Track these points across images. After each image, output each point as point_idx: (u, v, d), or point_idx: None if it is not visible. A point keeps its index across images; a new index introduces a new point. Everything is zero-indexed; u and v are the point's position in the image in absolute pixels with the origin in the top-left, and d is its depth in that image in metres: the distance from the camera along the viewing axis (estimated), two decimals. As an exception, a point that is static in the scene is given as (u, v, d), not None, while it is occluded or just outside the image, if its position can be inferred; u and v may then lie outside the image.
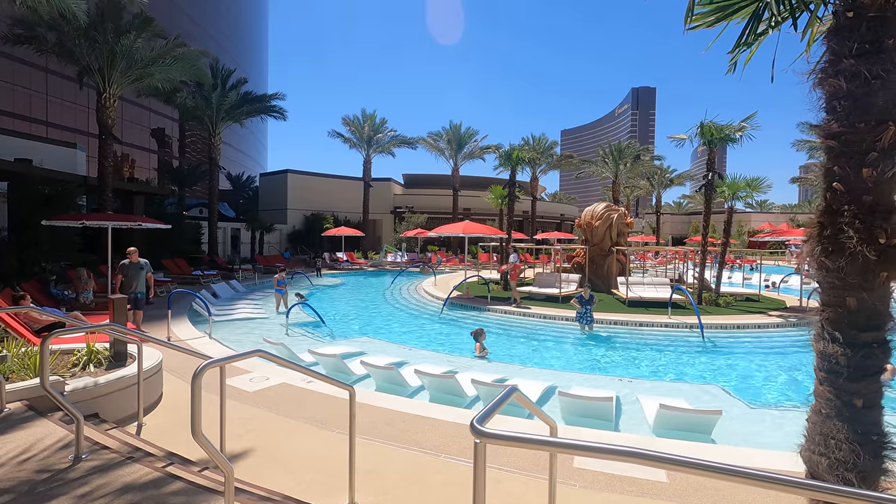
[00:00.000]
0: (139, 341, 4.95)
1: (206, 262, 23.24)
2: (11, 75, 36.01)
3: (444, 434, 4.92)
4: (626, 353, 10.24)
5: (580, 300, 11.65)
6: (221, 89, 25.83)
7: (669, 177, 43.28)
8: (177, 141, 56.83)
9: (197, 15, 56.50)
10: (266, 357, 3.12)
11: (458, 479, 3.98)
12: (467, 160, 37.94)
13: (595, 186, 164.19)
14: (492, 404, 1.86)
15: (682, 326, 11.80)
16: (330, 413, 5.45)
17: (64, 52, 17.33)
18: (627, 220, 18.37)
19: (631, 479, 4.01)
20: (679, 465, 1.45)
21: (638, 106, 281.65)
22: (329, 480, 3.91)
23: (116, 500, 2.90)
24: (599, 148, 36.49)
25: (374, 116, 35.20)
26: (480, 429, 1.67)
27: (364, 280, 24.30)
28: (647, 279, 17.10)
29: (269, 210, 38.14)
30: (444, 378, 6.58)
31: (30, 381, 4.78)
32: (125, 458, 3.49)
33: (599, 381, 7.88)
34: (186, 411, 5.55)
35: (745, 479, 1.40)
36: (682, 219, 66.18)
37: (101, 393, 5.00)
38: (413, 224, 35.83)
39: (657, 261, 35.19)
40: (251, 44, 76.96)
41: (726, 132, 14.71)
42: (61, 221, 12.56)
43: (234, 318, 12.65)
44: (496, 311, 14.08)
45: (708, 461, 1.43)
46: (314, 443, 4.69)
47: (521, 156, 19.73)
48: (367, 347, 9.94)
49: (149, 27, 17.65)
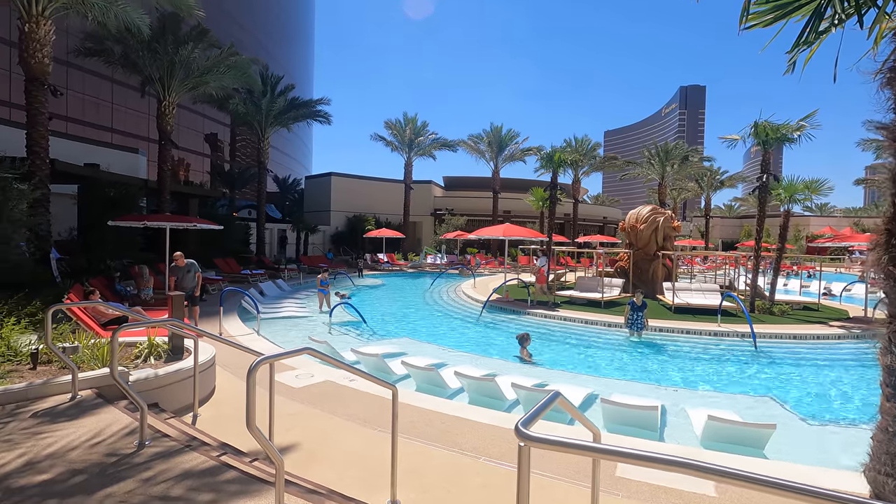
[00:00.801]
0: (196, 336, 5.23)
1: (255, 262, 24.17)
2: (82, 85, 38.74)
3: (483, 436, 4.93)
4: (671, 360, 9.92)
5: (631, 305, 11.34)
6: (270, 95, 26.83)
7: (720, 178, 41.46)
8: (228, 145, 59.48)
9: (247, 22, 58.93)
10: (314, 355, 3.24)
11: (498, 482, 3.99)
12: (508, 162, 37.75)
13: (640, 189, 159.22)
14: (536, 408, 1.87)
15: (732, 335, 11.30)
16: (371, 411, 5.57)
17: (128, 63, 18.52)
18: (674, 223, 17.77)
19: (677, 491, 3.89)
20: (737, 478, 1.40)
21: (686, 105, 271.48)
22: (371, 477, 4.00)
23: (177, 485, 3.09)
24: (645, 149, 35.44)
25: (415, 119, 35.63)
26: (525, 432, 1.69)
27: (404, 281, 24.61)
28: (694, 285, 16.48)
29: (314, 212, 39.25)
30: (483, 381, 6.59)
31: (98, 370, 5.14)
32: (184, 446, 3.70)
33: (642, 388, 7.67)
34: (237, 404, 5.84)
35: (807, 497, 1.33)
36: (733, 222, 63.28)
37: (161, 384, 5.31)
38: (453, 226, 35.97)
39: (705, 266, 33.78)
40: (298, 49, 79.52)
41: (783, 132, 13.99)
42: (125, 222, 13.41)
43: (281, 317, 13.11)
44: (536, 314, 13.94)
45: (774, 477, 1.36)
46: (356, 440, 4.81)
47: (564, 158, 19.46)
48: (407, 348, 10.07)
49: (205, 38, 18.62)
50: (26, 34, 12.22)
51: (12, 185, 8.81)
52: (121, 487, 3.01)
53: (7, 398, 4.39)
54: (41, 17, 12.19)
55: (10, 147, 13.19)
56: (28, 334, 6.30)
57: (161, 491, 3.00)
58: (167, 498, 2.93)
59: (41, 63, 12.38)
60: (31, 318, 7.12)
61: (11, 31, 14.04)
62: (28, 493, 2.91)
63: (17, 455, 3.41)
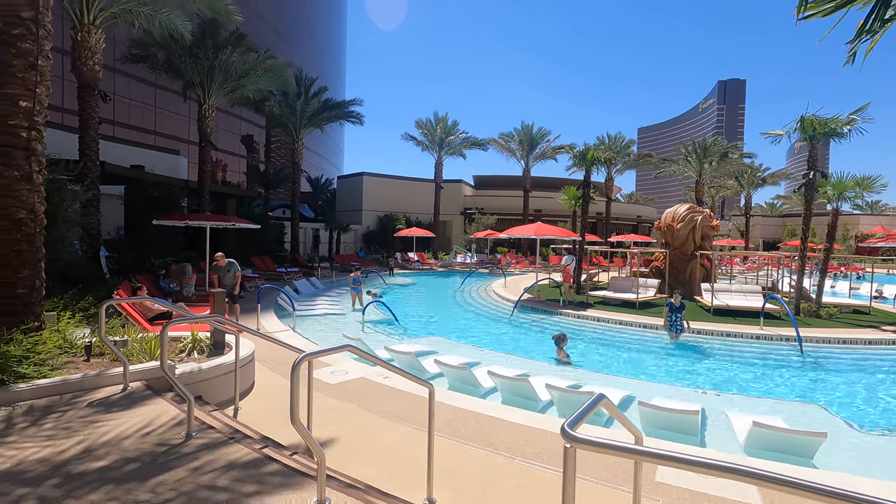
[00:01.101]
0: (237, 332, 5.40)
1: (289, 260, 24.75)
2: (128, 90, 40.53)
3: (518, 437, 4.90)
4: (710, 364, 9.61)
5: (669, 307, 11.04)
6: (304, 97, 27.38)
7: (761, 176, 39.88)
8: (263, 146, 61.09)
9: (281, 25, 60.33)
10: (354, 352, 3.29)
11: (534, 483, 3.96)
12: (539, 161, 37.38)
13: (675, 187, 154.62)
14: (582, 410, 1.84)
15: (776, 339, 10.85)
16: (405, 409, 5.61)
17: (171, 68, 19.26)
18: (713, 222, 17.21)
19: (720, 498, 3.76)
20: (805, 489, 1.34)
21: (725, 100, 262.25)
22: (407, 474, 4.03)
23: (222, 476, 3.19)
24: (682, 145, 34.43)
25: (445, 119, 35.69)
26: (572, 433, 1.67)
27: (434, 280, 24.70)
28: (734, 286, 15.91)
29: (346, 211, 39.86)
30: (517, 381, 6.55)
31: (147, 363, 5.37)
32: (228, 438, 3.83)
33: (680, 392, 7.46)
34: (275, 398, 6.00)
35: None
36: (775, 221, 60.68)
37: (204, 378, 5.49)
38: (483, 225, 35.86)
39: (746, 266, 32.57)
40: (330, 49, 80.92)
41: (832, 126, 13.34)
42: (168, 221, 13.95)
43: (315, 314, 13.38)
44: (568, 314, 13.75)
45: (843, 488, 1.30)
46: (391, 437, 4.86)
47: (597, 155, 19.10)
48: (439, 347, 10.10)
49: (242, 42, 19.18)
50: (79, 43, 12.87)
51: (67, 186, 9.30)
52: (171, 476, 3.14)
53: (65, 388, 4.64)
54: (92, 27, 12.82)
55: (63, 150, 13.92)
56: (82, 328, 6.64)
57: (208, 480, 3.11)
58: (214, 487, 3.03)
59: (92, 70, 13.02)
60: (84, 312, 7.51)
61: (64, 40, 14.78)
62: (87, 479, 3.07)
63: (76, 442, 3.60)
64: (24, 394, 4.39)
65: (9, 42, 5.19)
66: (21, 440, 3.61)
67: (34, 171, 5.33)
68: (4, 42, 5.22)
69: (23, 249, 5.27)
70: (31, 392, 4.42)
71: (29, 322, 5.22)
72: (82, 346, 5.76)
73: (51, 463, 3.27)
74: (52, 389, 4.54)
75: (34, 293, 5.45)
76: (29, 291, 5.35)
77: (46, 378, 4.65)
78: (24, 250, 5.28)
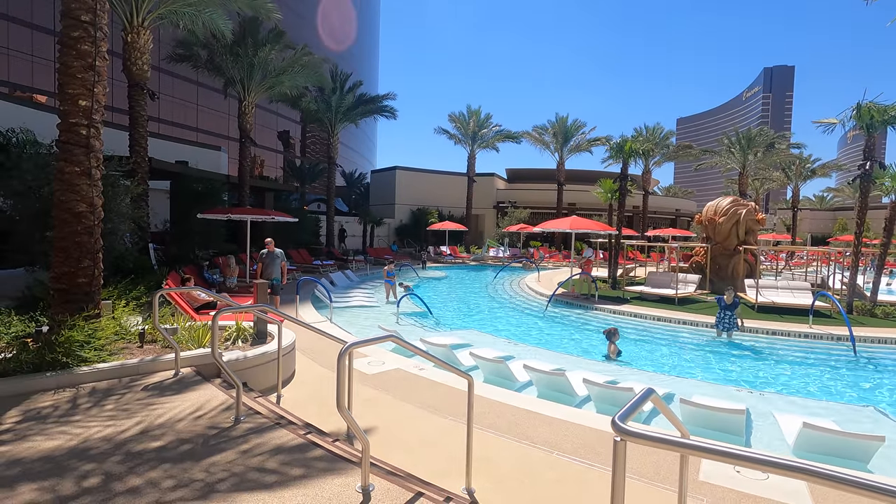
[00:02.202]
0: (280, 321, 5.56)
1: (325, 253, 25.28)
2: (171, 89, 42.12)
3: (555, 431, 4.87)
4: (754, 362, 9.27)
5: (720, 304, 10.69)
6: (340, 92, 27.76)
7: (810, 167, 37.93)
8: (299, 142, 62.38)
9: (315, 21, 61.22)
10: (397, 342, 3.35)
11: (572, 477, 3.94)
12: (573, 153, 36.74)
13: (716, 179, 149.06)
14: (632, 404, 1.82)
15: (826, 338, 10.36)
16: (441, 400, 5.66)
17: (213, 66, 19.89)
18: (758, 215, 16.53)
19: (766, 500, 3.64)
20: (861, 487, 1.29)
21: (771, 88, 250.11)
22: (444, 464, 4.08)
23: (270, 459, 3.32)
24: (724, 136, 33.11)
25: (478, 112, 35.49)
26: (623, 426, 1.66)
27: (466, 274, 24.72)
28: (781, 282, 15.25)
29: (379, 205, 40.30)
30: (553, 375, 6.50)
31: (195, 350, 5.61)
32: (273, 423, 3.97)
33: (722, 391, 7.23)
34: (316, 387, 6.16)
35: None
36: (825, 215, 57.66)
37: (249, 365, 5.70)
38: (515, 219, 35.58)
39: (792, 262, 31.15)
40: (364, 44, 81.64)
41: (891, 114, 12.55)
42: (212, 215, 14.47)
43: (350, 306, 13.64)
44: (604, 309, 13.52)
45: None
46: (428, 427, 4.91)
47: (635, 147, 18.63)
48: (473, 340, 10.13)
49: (281, 40, 19.60)
50: (129, 44, 13.45)
51: (119, 181, 9.78)
52: (223, 457, 3.29)
53: (123, 372, 4.91)
54: (141, 28, 13.37)
55: (114, 147, 14.61)
56: (135, 315, 7.00)
57: (258, 463, 3.24)
58: (263, 470, 3.16)
59: (141, 70, 13.60)
60: (136, 301, 7.90)
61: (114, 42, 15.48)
62: (146, 458, 3.25)
63: (135, 423, 3.82)
64: (87, 376, 4.67)
65: (69, 44, 5.49)
66: (86, 419, 3.86)
67: (93, 166, 5.64)
68: (65, 45, 5.52)
69: (83, 241, 5.59)
70: (94, 375, 4.70)
71: (89, 309, 5.54)
72: (136, 333, 6.07)
73: (113, 441, 3.48)
74: (111, 373, 4.82)
75: (93, 282, 5.78)
76: (89, 281, 5.68)
77: (106, 362, 4.94)
78: (85, 242, 5.60)
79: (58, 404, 4.16)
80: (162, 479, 2.97)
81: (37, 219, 8.51)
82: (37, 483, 2.88)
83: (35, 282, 7.67)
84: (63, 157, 5.48)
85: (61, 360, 4.60)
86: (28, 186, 8.56)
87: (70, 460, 3.18)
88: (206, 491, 2.84)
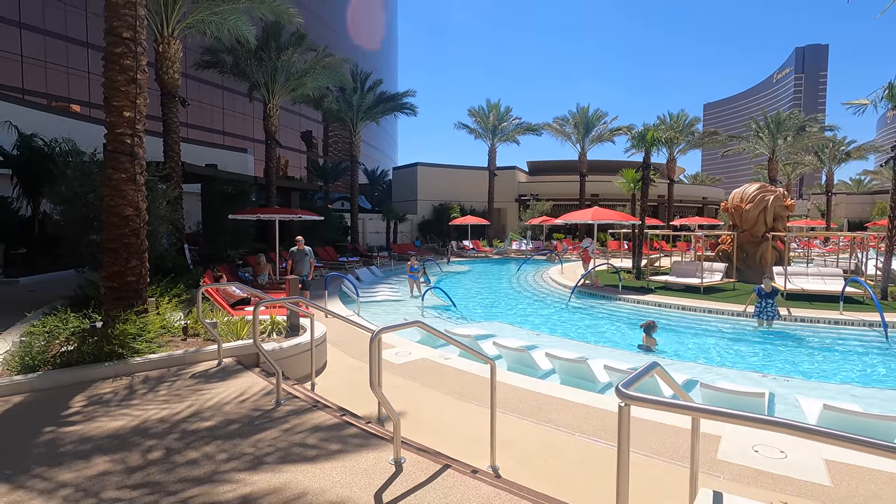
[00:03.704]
0: (312, 315, 5.90)
1: (350, 250, 25.80)
2: (198, 94, 43.36)
3: (577, 415, 5.05)
4: (782, 350, 9.21)
5: (759, 293, 10.62)
6: (360, 92, 28.17)
7: (845, 150, 36.62)
8: (321, 141, 63.39)
9: (333, 22, 61.96)
10: (423, 328, 3.61)
11: (595, 456, 4.12)
12: (595, 144, 36.33)
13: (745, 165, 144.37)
14: (636, 374, 2.02)
15: (857, 324, 10.19)
16: (466, 387, 5.90)
17: (238, 71, 20.50)
18: (787, 201, 16.19)
19: (784, 478, 3.75)
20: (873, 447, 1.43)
21: (804, 69, 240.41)
22: (471, 446, 4.31)
23: (310, 436, 3.63)
24: (752, 120, 32.26)
25: (498, 105, 35.45)
26: (626, 392, 1.86)
27: (490, 267, 24.89)
28: (811, 269, 14.94)
29: (401, 201, 40.72)
30: (575, 363, 6.67)
31: (234, 342, 6.00)
32: (311, 406, 4.29)
33: (748, 377, 7.27)
34: (345, 376, 6.50)
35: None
36: (862, 199, 55.36)
37: (284, 356, 6.05)
38: (538, 212, 35.48)
39: (826, 249, 30.23)
40: (382, 43, 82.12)
41: (927, 92, 12.15)
42: (242, 216, 15.03)
43: (376, 300, 14.01)
44: (628, 300, 13.54)
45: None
46: (454, 412, 5.16)
47: (657, 136, 18.42)
48: (497, 331, 10.34)
49: (302, 42, 20.07)
50: (160, 53, 14.05)
51: (157, 185, 10.32)
52: (268, 435, 3.61)
53: (171, 362, 5.32)
54: (171, 38, 13.95)
55: (149, 153, 15.30)
56: (176, 312, 7.46)
57: (299, 440, 3.55)
58: (305, 445, 3.46)
59: (173, 78, 14.20)
60: (177, 298, 8.39)
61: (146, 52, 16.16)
62: (200, 436, 3.59)
63: (187, 406, 4.19)
64: (140, 366, 5.09)
65: (113, 60, 5.91)
66: (143, 403, 4.25)
67: (137, 172, 6.07)
68: (109, 60, 5.95)
69: (131, 242, 6.04)
70: (146, 365, 5.12)
71: (138, 306, 5.98)
72: (180, 327, 6.51)
73: (169, 422, 3.85)
74: (161, 363, 5.23)
75: (141, 280, 6.23)
76: (137, 279, 6.13)
77: (155, 353, 5.35)
78: (132, 243, 6.05)
79: (116, 390, 4.57)
80: (216, 452, 3.30)
81: (84, 223, 9.10)
82: (108, 456, 3.24)
83: (86, 281, 8.23)
84: (111, 164, 5.92)
85: (117, 351, 5.03)
86: (75, 193, 9.14)
87: (133, 437, 3.55)
88: (256, 463, 3.16)
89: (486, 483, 2.99)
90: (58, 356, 4.95)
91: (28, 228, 15.47)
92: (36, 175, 14.18)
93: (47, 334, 5.68)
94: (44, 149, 14.86)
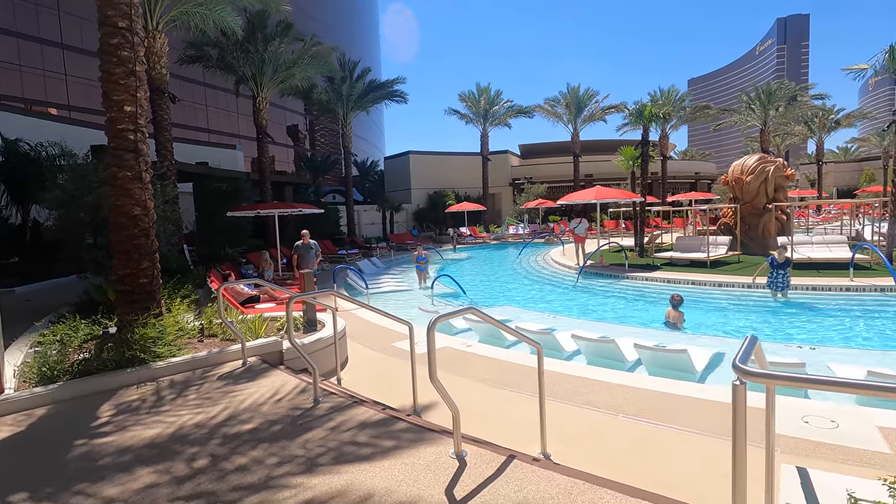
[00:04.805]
0: (336, 309, 5.72)
1: (348, 243, 25.53)
2: (181, 91, 42.34)
3: (615, 395, 4.94)
4: (798, 319, 9.21)
5: (772, 263, 10.56)
6: (350, 81, 27.66)
7: (834, 118, 36.75)
8: (308, 135, 62.50)
9: (313, 10, 60.62)
10: (476, 314, 3.46)
11: (641, 436, 4.02)
12: (587, 123, 36.08)
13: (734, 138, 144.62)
14: (745, 348, 1.88)
15: (870, 289, 10.20)
16: (493, 374, 5.74)
17: (224, 65, 19.97)
18: (787, 171, 16.17)
19: (844, 448, 3.66)
20: None
21: (786, 39, 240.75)
22: (513, 432, 4.19)
23: (360, 433, 3.48)
24: (742, 93, 32.21)
25: (488, 89, 35.04)
26: (745, 368, 1.72)
27: (489, 253, 24.77)
28: (815, 238, 14.97)
29: (395, 191, 40.34)
30: (602, 343, 6.57)
31: (258, 340, 5.80)
32: (349, 402, 4.13)
33: (771, 348, 7.22)
34: (369, 368, 6.35)
35: None
36: (850, 167, 55.79)
37: (308, 352, 5.87)
38: (533, 195, 35.32)
39: (820, 217, 30.48)
40: (362, 26, 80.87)
41: (927, 54, 12.08)
42: (241, 213, 14.72)
43: (383, 291, 13.84)
44: (636, 277, 13.49)
45: None
46: (487, 399, 5.01)
47: (654, 112, 18.29)
48: (511, 315, 10.21)
49: (289, 32, 19.55)
50: (146, 49, 13.57)
51: (156, 185, 9.99)
52: (315, 434, 3.45)
53: (194, 364, 5.13)
54: (156, 32, 13.48)
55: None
56: (188, 313, 7.24)
57: (349, 437, 3.40)
58: (356, 443, 3.31)
59: (160, 74, 13.76)
60: (186, 298, 8.15)
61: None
62: (243, 439, 3.43)
63: (222, 409, 4.01)
64: (164, 370, 4.90)
65: (109, 52, 5.60)
66: (175, 409, 4.07)
67: (142, 170, 5.80)
68: (105, 52, 5.64)
69: (141, 243, 5.79)
70: (169, 369, 4.92)
71: (153, 308, 5.76)
72: (196, 327, 6.30)
73: (207, 426, 3.67)
74: (184, 366, 5.04)
75: (153, 282, 6.00)
76: (150, 281, 5.89)
77: (177, 357, 5.16)
78: (142, 244, 5.80)
79: (144, 397, 4.38)
80: (265, 457, 3.14)
81: (83, 227, 8.79)
82: (151, 467, 3.07)
83: (92, 286, 7.96)
84: (115, 162, 5.65)
85: (139, 356, 4.82)
86: (71, 196, 8.81)
87: (173, 445, 3.38)
88: (310, 465, 3.00)
89: (558, 473, 2.86)
90: (76, 365, 4.74)
91: (19, 236, 15.02)
92: (23, 180, 13.72)
93: (59, 343, 5.47)
94: (30, 153, 14.38)
